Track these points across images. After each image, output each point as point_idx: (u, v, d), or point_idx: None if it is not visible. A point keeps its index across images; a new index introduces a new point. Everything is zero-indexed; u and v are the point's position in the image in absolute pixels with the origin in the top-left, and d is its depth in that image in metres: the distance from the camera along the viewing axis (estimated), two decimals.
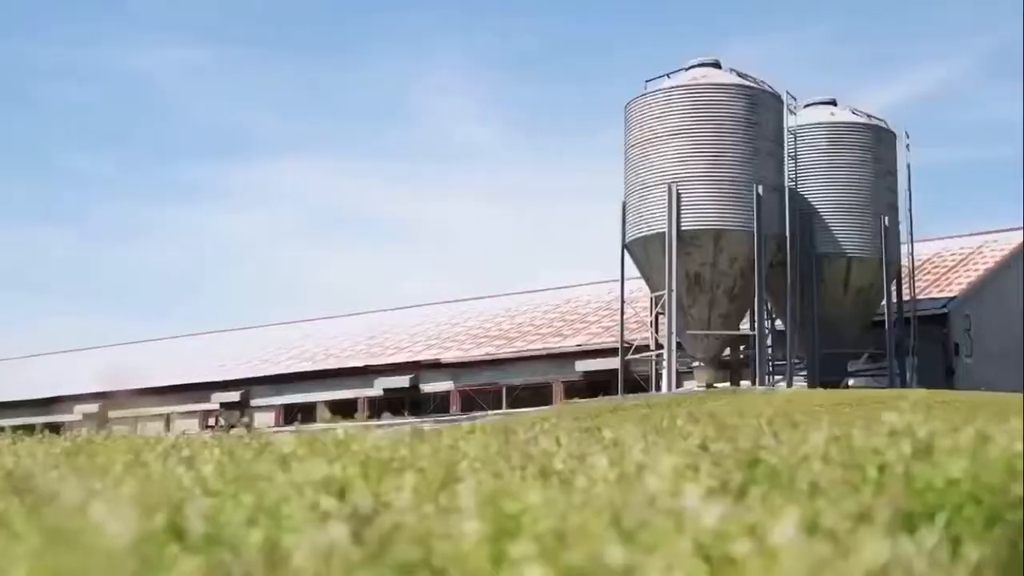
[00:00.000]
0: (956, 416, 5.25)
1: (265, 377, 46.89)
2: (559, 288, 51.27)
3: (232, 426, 11.98)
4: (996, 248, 40.98)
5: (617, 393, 30.72)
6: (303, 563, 2.57)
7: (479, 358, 41.97)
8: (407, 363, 43.41)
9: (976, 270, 38.78)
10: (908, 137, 34.91)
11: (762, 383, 29.76)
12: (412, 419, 28.93)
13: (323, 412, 39.06)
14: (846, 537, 2.33)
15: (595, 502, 3.02)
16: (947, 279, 38.46)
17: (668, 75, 31.98)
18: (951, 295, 36.38)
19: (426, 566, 2.54)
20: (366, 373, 43.83)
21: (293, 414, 41.93)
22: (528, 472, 4.80)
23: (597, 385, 35.95)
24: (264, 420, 42.13)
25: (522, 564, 2.42)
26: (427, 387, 42.39)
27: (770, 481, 3.92)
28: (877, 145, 33.48)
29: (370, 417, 36.05)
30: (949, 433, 4.09)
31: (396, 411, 39.27)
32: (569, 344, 40.57)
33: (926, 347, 34.20)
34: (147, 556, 2.84)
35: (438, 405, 41.51)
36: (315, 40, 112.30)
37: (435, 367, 42.48)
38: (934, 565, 2.40)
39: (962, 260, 40.47)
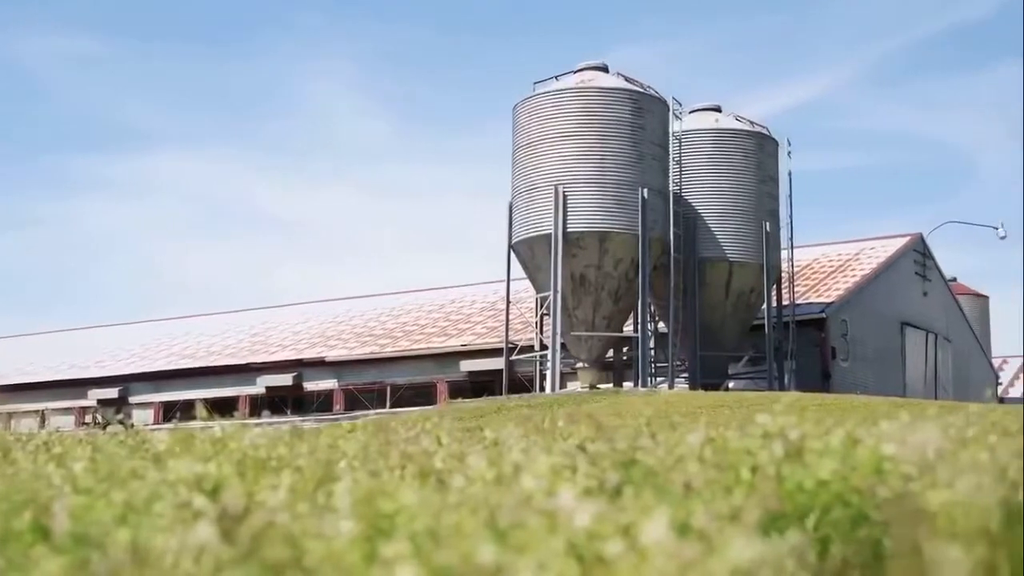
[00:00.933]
0: (828, 418, 5.36)
1: (144, 374, 46.09)
2: (445, 288, 51.25)
3: (108, 423, 11.76)
4: (873, 255, 41.96)
5: (501, 393, 30.80)
6: (171, 562, 2.52)
7: (363, 357, 41.77)
8: (290, 361, 43.02)
9: (853, 276, 39.65)
10: (790, 144, 35.58)
11: (644, 385, 30.06)
12: (294, 417, 28.69)
13: (201, 410, 38.45)
14: (715, 537, 2.36)
15: (471, 502, 3.01)
16: (825, 285, 39.26)
17: (556, 77, 32.14)
18: (829, 300, 37.15)
19: (297, 566, 2.52)
20: (248, 371, 43.34)
21: (173, 412, 41.30)
22: (407, 472, 4.78)
23: (481, 385, 36.01)
24: (143, 418, 41.43)
25: (394, 564, 2.41)
26: (310, 385, 42.06)
27: (646, 481, 3.96)
28: (759, 152, 34.03)
29: (251, 415, 35.70)
30: (820, 435, 4.17)
31: (279, 410, 38.96)
32: (454, 344, 40.58)
33: (804, 351, 34.88)
34: (11, 556, 2.77)
35: (321, 404, 41.21)
36: (198, 31, 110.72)
37: (319, 365, 42.17)
38: (801, 564, 2.44)
39: (840, 266, 41.36)
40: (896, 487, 3.58)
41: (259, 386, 42.28)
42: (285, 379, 42.05)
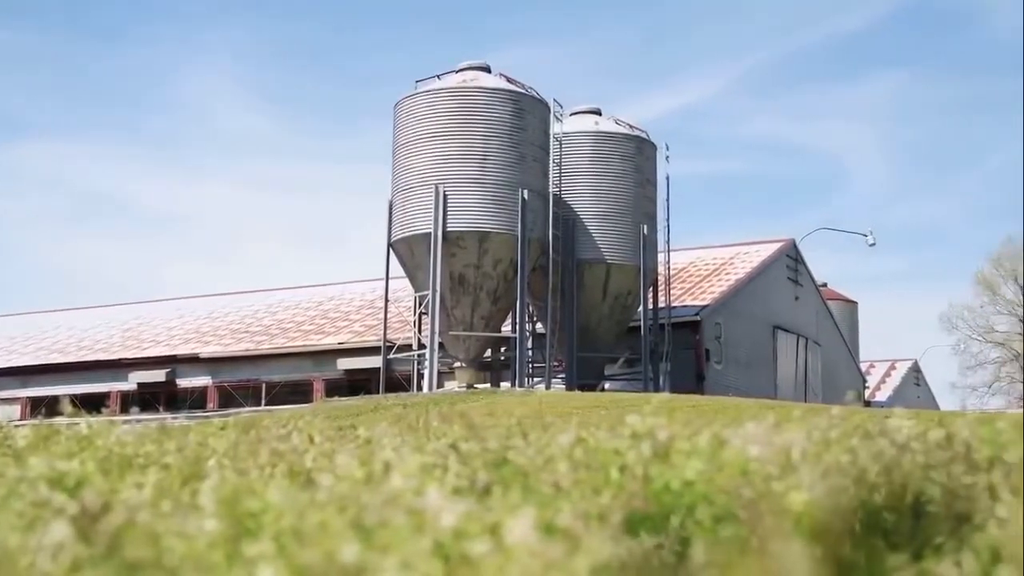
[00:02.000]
0: (697, 420, 5.44)
1: (10, 368, 44.96)
2: (323, 285, 50.88)
3: None
4: (747, 260, 42.71)
5: (378, 392, 30.66)
6: (28, 561, 2.46)
7: (239, 354, 41.26)
8: (164, 357, 42.33)
9: (728, 280, 40.30)
10: (667, 148, 35.95)
11: (521, 385, 30.16)
12: (166, 415, 28.19)
13: (66, 405, 37.65)
14: (579, 537, 2.38)
15: (338, 501, 2.99)
16: (701, 288, 39.83)
17: (438, 76, 32.08)
18: (704, 303, 37.69)
19: (158, 565, 2.47)
20: (120, 367, 42.56)
21: (40, 408, 40.32)
22: (277, 470, 4.74)
23: (358, 384, 35.85)
24: (8, 413, 40.40)
25: (257, 563, 2.38)
26: (184, 382, 41.44)
27: (516, 481, 3.97)
28: (638, 155, 34.37)
29: (122, 412, 35.01)
30: (688, 436, 4.22)
31: (151, 407, 38.26)
32: (331, 342, 40.31)
33: (679, 353, 35.32)
34: None
35: (195, 401, 40.61)
36: (76, 21, 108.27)
37: (193, 362, 41.56)
38: (662, 564, 2.47)
39: (715, 270, 42.01)
40: (760, 488, 3.65)
41: (131, 382, 41.54)
42: (158, 375, 41.37)
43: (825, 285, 50.43)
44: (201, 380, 41.18)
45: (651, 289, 35.20)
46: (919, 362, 61.36)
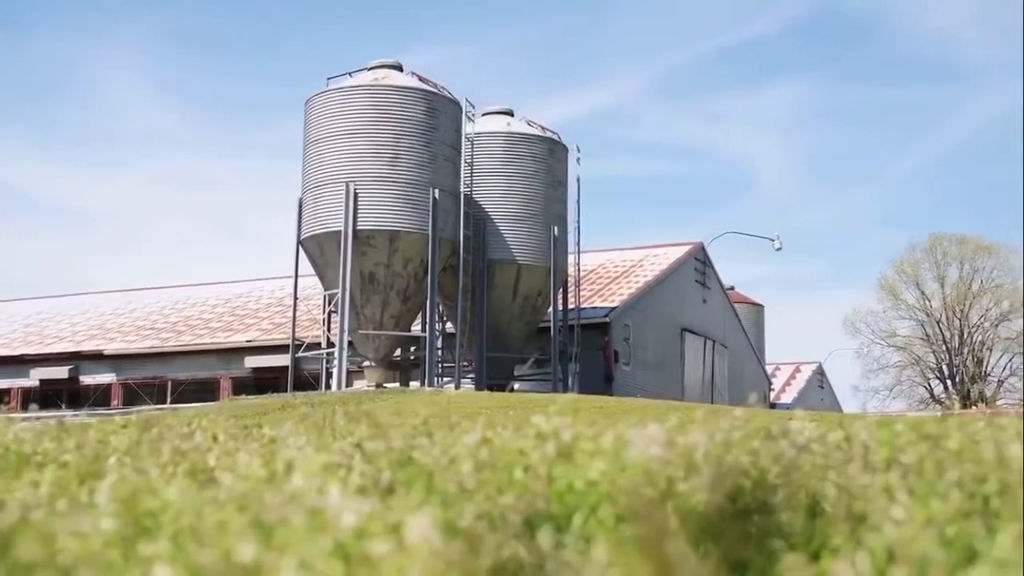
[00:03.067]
0: (602, 420, 5.47)
1: None
2: (232, 282, 50.38)
3: None
4: (656, 262, 43.08)
5: (287, 391, 30.42)
6: None
7: (144, 351, 40.71)
8: (67, 353, 41.61)
9: (637, 282, 40.61)
10: (579, 151, 36.16)
11: (431, 384, 30.11)
12: (67, 412, 27.71)
13: None
14: (479, 537, 2.38)
15: (238, 500, 2.96)
16: (610, 290, 40.09)
17: (350, 74, 31.90)
18: (613, 305, 37.93)
19: (51, 565, 2.43)
20: (21, 362, 41.78)
21: None
22: (179, 469, 4.68)
23: (267, 382, 35.54)
24: None
25: (153, 563, 2.35)
26: (87, 379, 40.77)
27: (420, 481, 3.96)
28: (549, 157, 34.50)
29: (23, 409, 34.35)
30: (593, 437, 4.24)
31: (53, 403, 37.59)
32: (239, 340, 39.92)
33: (588, 354, 35.51)
34: None
35: (99, 398, 39.97)
36: None
37: (97, 359, 40.91)
38: (562, 564, 2.48)
39: (625, 272, 42.31)
40: (663, 488, 3.68)
41: (32, 379, 40.79)
42: (60, 372, 40.67)
43: (732, 288, 51.05)
44: (105, 377, 40.56)
45: (561, 290, 35.35)
46: (823, 365, 62.40)
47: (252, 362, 38.23)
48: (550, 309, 34.69)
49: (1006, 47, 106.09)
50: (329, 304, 30.89)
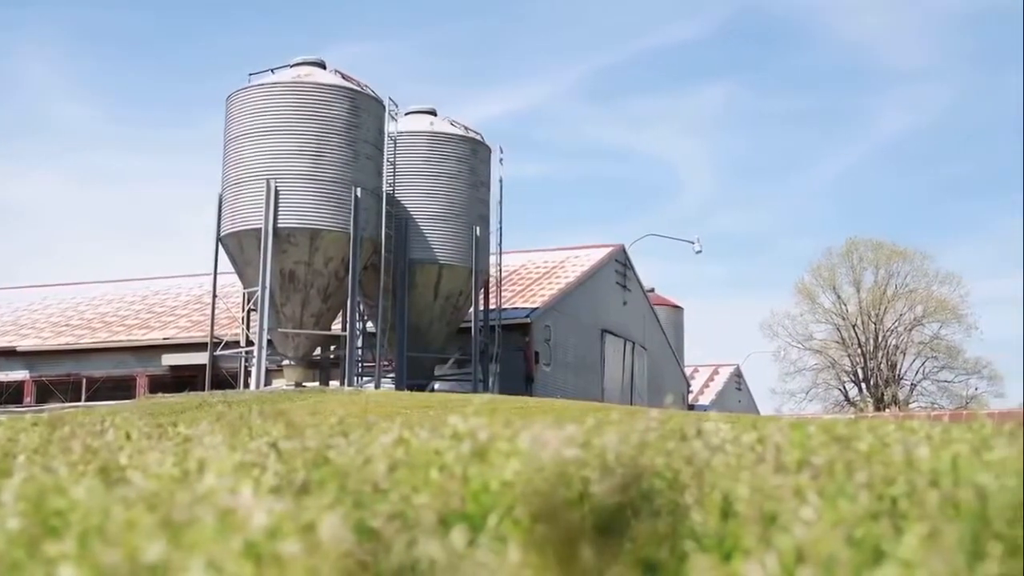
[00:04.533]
0: (520, 420, 5.47)
1: None
2: (149, 279, 49.80)
3: None
4: (578, 264, 43.27)
5: (204, 389, 30.12)
6: None
7: (58, 347, 40.08)
8: None
9: (558, 283, 40.76)
10: (502, 151, 36.22)
11: (351, 384, 29.99)
12: None
13: None
14: (390, 537, 2.37)
15: (148, 499, 2.93)
16: (531, 291, 40.19)
17: (272, 70, 31.67)
18: (534, 306, 38.03)
19: None
20: None
21: None
22: (90, 467, 4.61)
23: (184, 380, 35.17)
24: None
25: (58, 562, 2.31)
26: None
27: (335, 481, 3.94)
28: (472, 157, 34.51)
29: None
30: (509, 437, 4.25)
31: None
32: (156, 337, 39.46)
33: (509, 354, 35.59)
34: None
35: (11, 395, 39.30)
36: None
37: (9, 355, 40.20)
38: (476, 564, 2.48)
39: (546, 273, 42.44)
40: (579, 489, 3.69)
41: None
42: None
43: (653, 290, 51.42)
44: (18, 374, 39.88)
45: (482, 291, 35.39)
46: (741, 367, 63.06)
47: (169, 360, 37.82)
48: (471, 309, 34.71)
49: (923, 57, 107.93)
50: (249, 302, 30.64)
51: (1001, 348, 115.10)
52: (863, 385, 73.95)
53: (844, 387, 75.48)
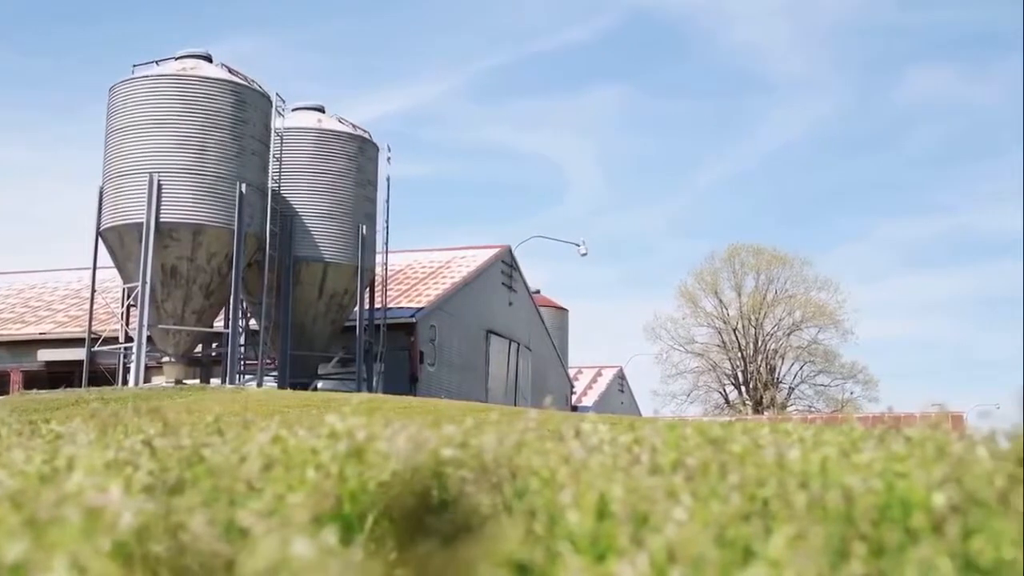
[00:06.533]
0: (398, 420, 5.46)
1: None
2: (25, 272, 48.67)
3: None
4: (464, 264, 43.31)
5: (82, 385, 29.51)
6: None
7: None
8: None
9: (444, 284, 40.76)
10: (390, 150, 36.10)
11: (232, 382, 29.62)
12: None
13: None
14: (259, 536, 2.35)
15: (12, 498, 2.86)
16: (417, 290, 40.13)
17: (157, 62, 31.14)
18: (420, 306, 37.98)
19: None
20: None
21: None
22: None
23: (60, 376, 34.39)
24: None
25: None
26: None
27: (209, 480, 3.89)
28: (360, 155, 34.35)
29: None
30: (387, 437, 4.23)
31: None
32: (31, 332, 38.57)
33: (394, 354, 35.50)
34: None
35: None
36: None
37: None
38: (348, 565, 2.47)
39: (432, 273, 42.41)
40: (455, 490, 3.69)
41: None
42: None
43: (538, 292, 51.68)
44: None
45: (368, 289, 35.24)
46: (624, 369, 63.67)
47: (45, 355, 36.98)
48: (356, 308, 34.54)
49: (811, 63, 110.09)
50: (129, 297, 30.10)
51: (875, 353, 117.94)
52: (743, 388, 75.20)
53: (724, 390, 76.71)
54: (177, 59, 31.07)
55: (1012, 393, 3.58)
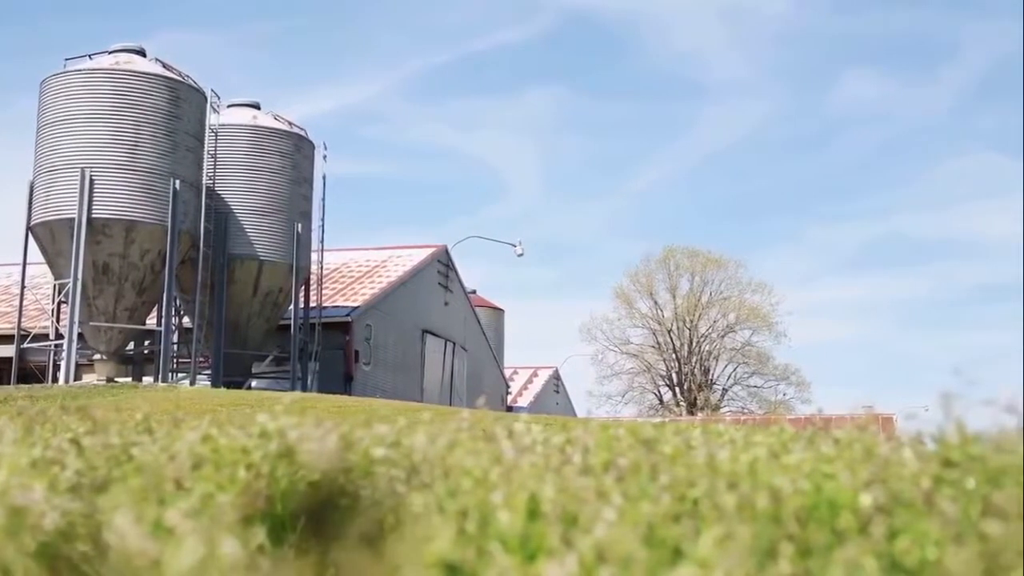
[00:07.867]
0: (330, 420, 5.44)
1: None
2: None
3: None
4: (400, 263, 43.21)
5: (11, 383, 29.08)
6: None
7: None
8: None
9: (380, 283, 40.63)
10: (326, 148, 35.94)
11: (165, 380, 29.34)
12: None
13: None
14: (185, 535, 2.33)
15: None
16: (353, 289, 39.98)
17: (90, 56, 30.78)
18: (355, 305, 37.84)
19: None
20: None
21: None
22: None
23: None
24: None
25: None
26: None
27: (137, 479, 3.85)
28: (296, 153, 34.16)
29: None
30: (320, 437, 4.21)
31: None
32: None
33: (329, 353, 35.33)
34: None
35: None
36: None
37: None
38: (276, 565, 2.46)
39: (368, 272, 42.26)
40: (386, 489, 3.68)
41: None
42: None
43: (474, 292, 51.67)
44: None
45: (303, 288, 35.07)
46: (560, 370, 63.81)
47: None
48: (291, 306, 34.35)
49: (748, 69, 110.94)
50: (59, 294, 29.71)
51: (807, 356, 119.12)
52: (677, 389, 75.63)
53: (659, 391, 77.09)
54: (111, 53, 30.72)
55: (939, 395, 3.62)
